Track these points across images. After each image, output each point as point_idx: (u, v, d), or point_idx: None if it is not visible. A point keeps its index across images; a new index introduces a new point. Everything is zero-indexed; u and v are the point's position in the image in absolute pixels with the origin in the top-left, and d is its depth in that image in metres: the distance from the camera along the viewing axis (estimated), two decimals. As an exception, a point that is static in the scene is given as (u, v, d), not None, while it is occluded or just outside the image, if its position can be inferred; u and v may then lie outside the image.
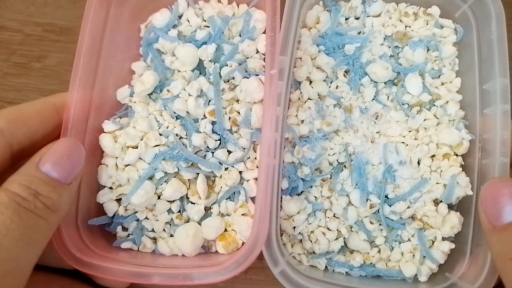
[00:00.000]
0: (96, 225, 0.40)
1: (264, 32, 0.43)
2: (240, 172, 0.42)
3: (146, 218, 0.41)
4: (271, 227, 0.36)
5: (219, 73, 0.42)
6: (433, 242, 0.41)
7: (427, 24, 0.45)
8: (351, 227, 0.42)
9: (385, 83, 0.44)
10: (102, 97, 0.41)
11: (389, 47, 0.45)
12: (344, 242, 0.42)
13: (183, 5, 0.45)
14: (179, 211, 0.42)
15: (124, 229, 0.42)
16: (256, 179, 0.42)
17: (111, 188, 0.41)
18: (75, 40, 0.38)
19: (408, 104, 0.43)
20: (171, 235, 0.41)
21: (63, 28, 0.52)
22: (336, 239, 0.41)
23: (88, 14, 0.39)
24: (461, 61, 0.44)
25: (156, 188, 0.40)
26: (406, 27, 0.45)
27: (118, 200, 0.41)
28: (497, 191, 0.32)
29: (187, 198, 0.41)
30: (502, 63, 0.39)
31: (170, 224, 0.41)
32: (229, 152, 0.42)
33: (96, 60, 0.40)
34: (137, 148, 0.40)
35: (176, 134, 0.41)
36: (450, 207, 0.41)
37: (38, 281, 0.36)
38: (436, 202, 0.41)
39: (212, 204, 0.42)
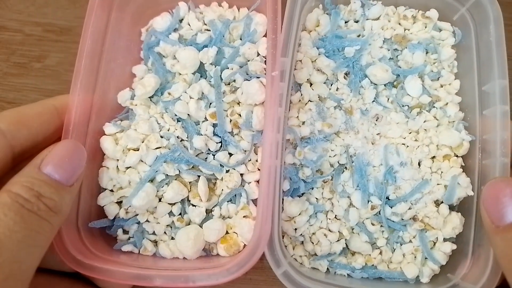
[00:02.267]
0: (97, 228, 0.40)
1: (265, 35, 0.43)
2: (241, 175, 0.42)
3: (147, 221, 0.41)
4: (273, 228, 0.36)
5: (220, 76, 0.42)
6: (434, 243, 0.41)
7: (425, 27, 0.45)
8: (353, 228, 0.42)
9: (385, 85, 0.44)
10: (103, 100, 0.41)
11: (388, 50, 0.45)
12: (346, 244, 0.42)
13: (184, 9, 0.45)
14: (180, 214, 0.41)
15: (125, 232, 0.42)
16: (258, 181, 0.42)
17: (112, 190, 0.41)
18: (75, 40, 0.38)
19: (408, 105, 0.44)
20: (172, 238, 0.41)
21: (63, 28, 0.52)
22: (338, 240, 0.41)
23: (90, 18, 0.39)
24: (460, 63, 0.44)
25: (157, 191, 0.40)
26: (405, 30, 0.46)
27: (119, 203, 0.41)
28: (499, 191, 0.32)
29: (188, 200, 0.41)
30: (501, 64, 0.39)
31: (171, 227, 0.41)
32: (230, 154, 0.42)
33: (97, 63, 0.40)
34: (138, 150, 0.40)
35: (177, 137, 0.41)
36: (451, 208, 0.41)
37: (40, 284, 0.36)
38: (437, 203, 0.41)
39: (213, 207, 0.42)
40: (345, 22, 0.47)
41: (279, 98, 0.38)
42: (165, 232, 0.41)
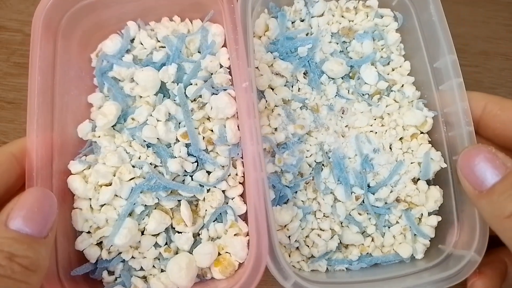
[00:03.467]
0: (80, 274, 0.37)
1: (224, 46, 0.42)
2: (223, 191, 0.40)
3: (132, 257, 0.38)
4: (273, 242, 0.35)
5: (185, 93, 0.40)
6: (420, 220, 0.42)
7: (367, 16, 0.47)
8: (342, 223, 0.42)
9: (342, 78, 0.46)
10: (63, 137, 0.38)
11: (337, 43, 0.47)
12: (338, 239, 0.42)
13: (134, 28, 0.43)
14: (166, 244, 0.39)
15: (110, 273, 0.38)
16: (241, 195, 0.41)
17: (89, 232, 0.38)
18: None
19: (368, 94, 0.45)
20: (163, 270, 0.39)
21: None
22: (332, 237, 0.41)
23: (35, 51, 0.36)
24: (407, 45, 0.47)
25: (139, 224, 0.38)
26: (349, 21, 0.47)
27: (99, 244, 0.38)
28: (474, 158, 0.34)
29: (173, 228, 0.39)
30: (447, 40, 0.41)
31: (159, 259, 0.39)
32: (209, 172, 0.40)
33: (51, 98, 0.37)
34: (111, 185, 0.37)
35: (151, 163, 0.39)
36: (429, 183, 0.43)
37: None
38: (415, 180, 0.43)
39: (200, 230, 0.40)
40: (292, 23, 0.47)
41: (252, 109, 0.37)
42: (153, 266, 0.39)
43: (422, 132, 0.44)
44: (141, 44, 0.43)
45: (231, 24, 0.38)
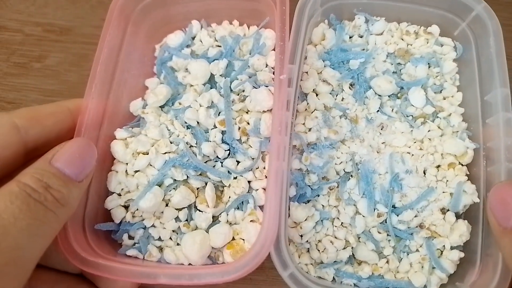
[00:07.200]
0: (103, 231, 0.40)
1: (274, 49, 0.45)
2: (249, 182, 0.42)
3: (153, 226, 0.41)
4: (280, 230, 0.36)
5: (230, 86, 0.43)
6: (441, 252, 0.41)
7: (427, 42, 0.47)
8: (359, 237, 0.42)
9: (389, 96, 0.46)
10: (116, 107, 0.43)
11: (392, 64, 0.47)
12: (352, 253, 0.41)
13: (197, 27, 0.48)
14: (187, 220, 0.42)
15: (130, 237, 0.42)
16: (265, 188, 0.42)
17: (119, 194, 0.41)
18: (75, 40, 0.38)
19: (412, 115, 0.45)
20: (178, 244, 0.41)
21: (63, 28, 0.53)
22: (344, 248, 0.41)
23: (107, 28, 0.41)
24: (462, 76, 0.46)
25: (165, 195, 0.41)
26: (407, 45, 0.47)
27: (126, 207, 0.41)
28: (505, 193, 0.32)
29: (195, 206, 0.42)
30: (502, 74, 0.40)
31: (177, 233, 0.41)
32: (238, 162, 0.43)
33: (112, 71, 0.42)
34: (147, 154, 0.41)
35: (187, 143, 0.42)
36: (458, 216, 0.41)
37: (44, 280, 0.36)
38: (443, 211, 0.41)
39: (220, 214, 0.42)
40: (350, 37, 0.48)
41: (287, 102, 0.39)
42: (170, 238, 0.41)
43: (461, 164, 0.42)
44: (200, 41, 0.47)
45: (280, 23, 0.40)
